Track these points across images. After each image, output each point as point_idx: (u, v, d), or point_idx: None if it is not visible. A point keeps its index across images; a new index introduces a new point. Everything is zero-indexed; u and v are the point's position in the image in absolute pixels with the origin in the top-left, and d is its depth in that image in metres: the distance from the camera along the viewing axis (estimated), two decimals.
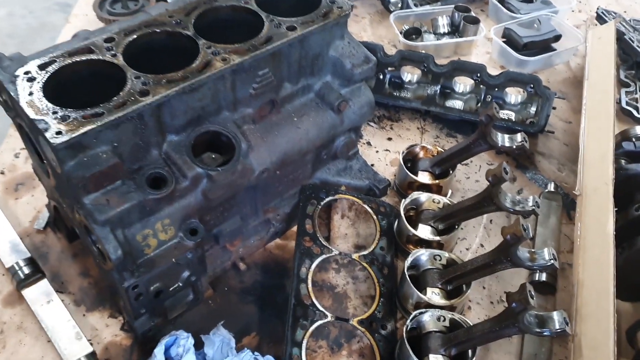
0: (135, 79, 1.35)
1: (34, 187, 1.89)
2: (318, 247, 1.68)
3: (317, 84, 1.67)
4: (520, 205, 1.57)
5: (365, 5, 2.76)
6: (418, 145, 1.95)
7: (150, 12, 1.56)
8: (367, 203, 1.83)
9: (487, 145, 1.75)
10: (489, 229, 1.87)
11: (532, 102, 2.16)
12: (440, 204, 1.77)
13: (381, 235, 1.76)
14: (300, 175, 1.78)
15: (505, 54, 2.44)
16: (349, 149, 1.84)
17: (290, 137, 1.60)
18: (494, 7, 2.69)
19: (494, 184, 1.56)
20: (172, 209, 1.43)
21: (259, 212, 1.71)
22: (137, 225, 1.39)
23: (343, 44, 1.65)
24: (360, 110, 1.72)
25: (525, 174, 2.06)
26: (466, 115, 2.14)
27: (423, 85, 2.22)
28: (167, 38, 1.50)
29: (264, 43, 1.47)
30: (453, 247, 1.78)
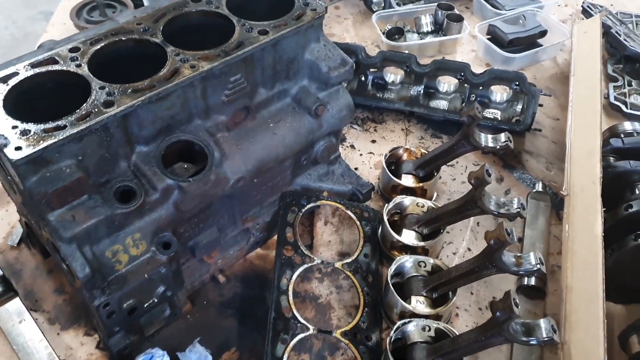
0: (99, 90, 1.30)
1: (7, 202, 1.84)
2: (299, 257, 1.63)
3: (294, 89, 1.62)
4: (505, 207, 1.52)
5: (348, 6, 2.71)
6: (401, 148, 1.90)
7: (118, 20, 1.51)
8: (350, 208, 1.78)
9: (471, 146, 1.70)
10: (476, 232, 1.82)
11: (518, 100, 2.11)
12: (424, 207, 1.72)
13: (365, 242, 1.71)
14: (280, 182, 1.72)
15: (490, 52, 2.39)
16: (329, 154, 1.79)
17: (266, 144, 1.55)
18: (478, 3, 2.64)
19: (477, 187, 1.51)
20: (143, 222, 1.38)
21: (237, 221, 1.66)
22: (105, 240, 1.34)
23: (319, 47, 1.60)
24: (339, 114, 1.67)
25: (513, 173, 2.01)
26: (451, 115, 2.10)
27: (406, 86, 2.17)
28: (135, 46, 1.45)
29: (235, 48, 1.43)
30: (439, 252, 1.73)
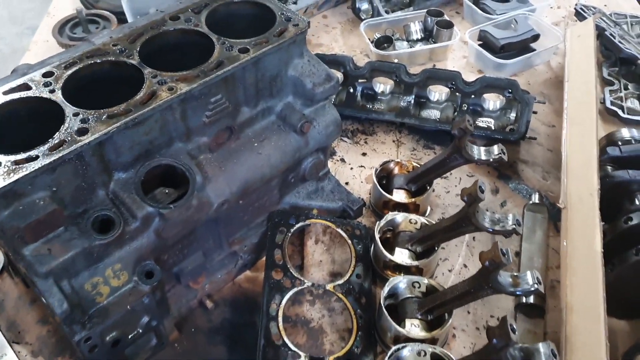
0: (73, 116, 1.24)
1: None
2: (289, 280, 1.57)
3: (278, 106, 1.57)
4: (500, 224, 1.47)
5: (336, 15, 2.66)
6: (392, 161, 1.85)
7: (93, 41, 1.46)
8: (341, 226, 1.73)
9: (463, 159, 1.65)
10: (472, 247, 1.77)
11: (512, 108, 2.06)
12: (417, 224, 1.66)
13: (357, 261, 1.65)
14: (267, 202, 1.67)
15: (482, 58, 2.34)
16: (318, 170, 1.73)
17: (251, 164, 1.50)
18: (468, 9, 2.59)
19: (470, 204, 1.45)
20: (123, 252, 1.32)
21: (223, 245, 1.61)
22: (84, 273, 1.28)
23: (302, 63, 1.55)
24: (326, 130, 1.62)
25: (508, 184, 1.96)
26: (443, 125, 2.04)
27: (397, 96, 2.12)
28: (111, 68, 1.40)
29: (215, 68, 1.37)
30: (434, 271, 1.68)
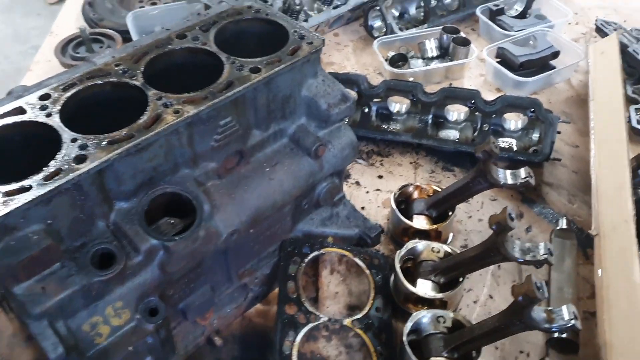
0: (71, 143, 1.15)
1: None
2: (303, 314, 1.46)
3: (291, 128, 1.47)
4: (531, 254, 1.37)
5: (348, 33, 2.58)
6: (411, 185, 1.74)
7: (95, 61, 1.38)
8: (358, 255, 1.62)
9: (488, 183, 1.55)
10: (498, 277, 1.66)
11: (534, 128, 1.96)
12: (440, 252, 1.56)
13: (376, 293, 1.54)
14: (279, 230, 1.57)
15: (500, 76, 2.24)
16: (332, 195, 1.63)
17: (262, 191, 1.40)
18: (485, 25, 2.50)
19: (499, 233, 1.35)
20: (125, 289, 1.22)
21: (232, 277, 1.50)
22: (82, 313, 1.18)
23: (316, 83, 1.46)
24: (342, 153, 1.52)
25: (533, 208, 1.85)
26: (462, 146, 1.95)
27: (413, 116, 2.03)
28: (112, 90, 1.31)
29: (224, 89, 1.28)
30: (458, 303, 1.57)
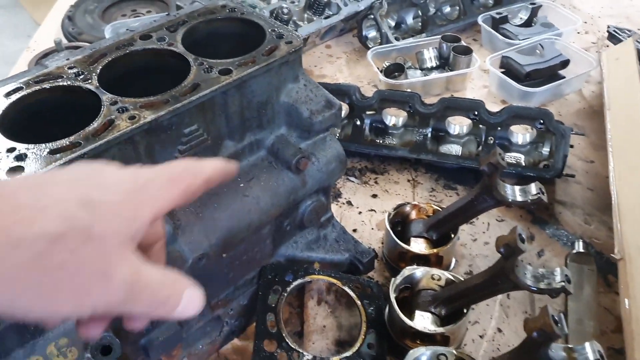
0: (7, 152, 0.99)
1: None
2: (284, 352, 1.27)
3: (269, 139, 1.30)
4: (546, 281, 1.18)
5: (341, 44, 2.43)
6: (408, 204, 1.56)
7: (47, 64, 1.22)
8: (349, 283, 1.43)
9: (494, 200, 1.37)
10: (507, 307, 1.46)
11: (544, 141, 1.79)
12: (441, 280, 1.37)
13: (369, 327, 1.35)
14: (258, 254, 1.39)
15: (505, 86, 2.08)
16: (319, 215, 1.46)
17: (235, 209, 1.23)
18: (487, 34, 2.35)
19: (508, 256, 1.16)
20: (71, 322, 1.04)
21: (203, 308, 1.31)
22: (18, 352, 1.00)
23: (297, 87, 1.30)
24: (327, 167, 1.35)
25: (545, 230, 1.66)
26: (465, 162, 1.77)
27: (410, 129, 1.86)
28: (63, 96, 1.15)
29: (189, 92, 1.12)
30: (462, 338, 1.37)
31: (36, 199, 0.60)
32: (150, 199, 0.69)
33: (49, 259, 0.57)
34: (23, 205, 0.59)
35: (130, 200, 0.67)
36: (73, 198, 0.62)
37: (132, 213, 0.66)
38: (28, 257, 0.56)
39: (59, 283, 0.58)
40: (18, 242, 0.56)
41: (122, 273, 0.63)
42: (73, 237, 0.59)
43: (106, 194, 0.65)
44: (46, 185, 0.63)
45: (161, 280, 0.69)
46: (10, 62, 4.38)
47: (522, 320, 1.38)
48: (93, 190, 0.64)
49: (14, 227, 0.56)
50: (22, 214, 0.58)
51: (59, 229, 0.58)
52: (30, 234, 0.57)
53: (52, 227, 0.58)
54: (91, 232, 0.60)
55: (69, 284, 0.59)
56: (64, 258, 0.58)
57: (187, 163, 0.77)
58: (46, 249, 0.57)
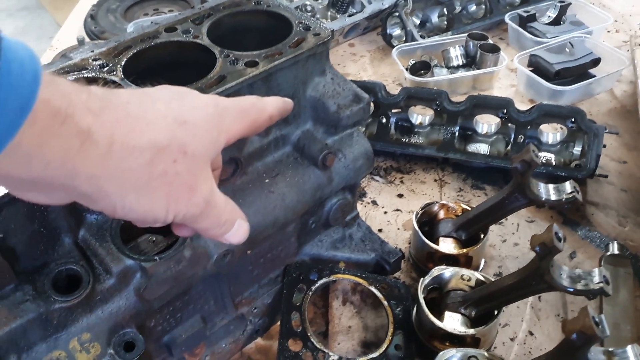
0: None
1: None
2: (310, 352, 1.24)
3: (295, 134, 1.28)
4: (582, 282, 1.13)
5: (364, 43, 2.40)
6: (436, 203, 1.52)
7: (71, 56, 1.21)
8: (375, 284, 1.40)
9: (527, 199, 1.32)
10: (538, 309, 1.42)
11: (576, 140, 1.74)
12: (471, 281, 1.33)
13: (396, 329, 1.31)
14: (282, 252, 1.36)
15: (534, 85, 2.03)
16: (344, 214, 1.42)
17: (260, 206, 1.20)
18: (514, 33, 2.30)
19: (544, 257, 1.12)
20: (94, 318, 1.02)
21: (227, 306, 1.29)
22: (40, 346, 0.98)
23: (324, 81, 1.27)
24: (354, 164, 1.32)
25: (577, 231, 1.61)
26: (494, 161, 1.72)
27: (437, 128, 1.82)
28: None
29: (214, 85, 1.10)
30: (493, 340, 1.33)
31: (143, 112, 0.67)
32: (227, 125, 0.77)
33: (154, 166, 0.66)
34: (134, 116, 0.66)
35: (214, 124, 0.74)
36: (171, 115, 0.69)
37: (214, 136, 0.74)
38: (139, 163, 0.64)
39: (159, 188, 0.67)
40: (132, 149, 0.64)
41: (204, 189, 0.72)
42: (174, 150, 0.67)
43: (195, 116, 0.72)
44: (149, 100, 0.70)
45: (224, 205, 0.78)
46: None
47: (554, 324, 1.35)
48: (185, 110, 0.71)
49: (129, 135, 0.64)
50: (134, 124, 0.65)
51: (164, 142, 0.66)
52: (142, 143, 0.65)
53: (159, 138, 0.66)
54: (186, 148, 0.68)
55: (166, 190, 0.68)
56: (165, 167, 0.67)
57: (254, 99, 0.86)
58: (153, 158, 0.65)
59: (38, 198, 0.69)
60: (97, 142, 0.61)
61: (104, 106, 0.63)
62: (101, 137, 0.61)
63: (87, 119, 0.60)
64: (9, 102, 0.53)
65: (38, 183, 0.62)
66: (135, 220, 0.73)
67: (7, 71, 0.53)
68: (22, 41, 0.58)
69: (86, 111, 0.60)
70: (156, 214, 0.69)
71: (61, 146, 0.58)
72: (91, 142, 0.60)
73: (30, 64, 0.56)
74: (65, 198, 0.69)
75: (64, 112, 0.58)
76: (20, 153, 0.56)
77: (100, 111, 0.62)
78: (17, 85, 0.54)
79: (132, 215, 0.69)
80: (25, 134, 0.55)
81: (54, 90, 0.58)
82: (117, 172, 0.63)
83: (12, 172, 0.59)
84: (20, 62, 0.55)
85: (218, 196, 0.76)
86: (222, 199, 0.77)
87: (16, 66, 0.54)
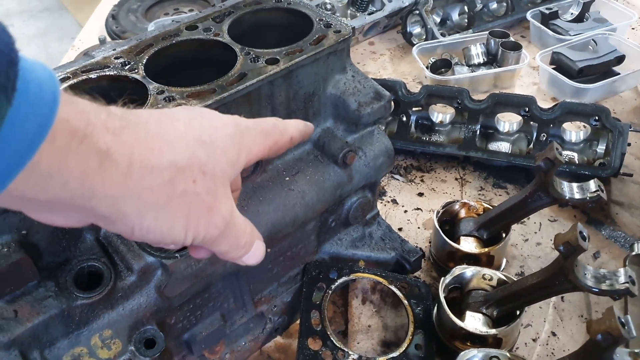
0: None
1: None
2: (329, 351, 1.24)
3: (315, 132, 1.27)
4: (608, 282, 1.11)
5: (384, 41, 2.38)
6: (457, 202, 1.51)
7: (93, 55, 1.22)
8: (395, 283, 1.39)
9: (550, 198, 1.30)
10: (561, 310, 1.39)
11: (600, 139, 1.71)
12: (492, 281, 1.31)
13: (416, 328, 1.30)
14: (302, 250, 1.36)
15: (557, 83, 2.00)
16: (364, 212, 1.42)
17: (280, 203, 1.20)
18: (536, 31, 2.27)
19: (568, 256, 1.10)
20: (115, 314, 1.03)
21: (247, 304, 1.29)
22: (62, 342, 0.99)
23: (345, 79, 1.26)
24: (375, 162, 1.31)
25: (601, 231, 1.59)
26: (516, 159, 1.70)
27: (458, 126, 1.80)
28: (109, 85, 1.14)
29: (235, 82, 1.10)
30: (515, 341, 1.31)
31: (163, 131, 0.66)
32: (247, 145, 0.76)
33: (174, 186, 0.65)
34: (153, 135, 0.65)
35: (234, 144, 0.73)
36: (190, 135, 0.68)
37: (234, 156, 0.73)
38: (158, 183, 0.63)
39: (178, 209, 0.66)
40: (152, 169, 0.63)
41: (223, 210, 0.70)
42: (193, 170, 0.66)
43: (215, 136, 0.71)
44: (168, 120, 0.69)
45: (244, 226, 0.77)
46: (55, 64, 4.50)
47: (578, 325, 1.33)
48: (205, 130, 0.70)
49: (148, 155, 0.63)
50: (154, 144, 0.64)
51: (183, 161, 0.65)
52: (162, 163, 0.64)
53: (178, 158, 0.65)
54: (206, 168, 0.68)
55: (185, 211, 0.66)
56: (185, 187, 0.65)
57: (276, 120, 0.84)
58: (172, 178, 0.64)
59: (54, 220, 0.67)
60: (117, 161, 0.60)
61: (124, 126, 0.62)
62: (120, 157, 0.60)
63: (106, 138, 0.60)
64: (27, 122, 0.53)
65: (54, 204, 0.61)
66: (153, 242, 0.71)
67: (25, 91, 0.53)
68: (42, 62, 0.58)
69: (105, 131, 0.60)
70: (175, 235, 0.68)
71: (80, 165, 0.58)
72: (110, 162, 0.60)
73: (49, 84, 0.56)
74: (82, 220, 0.67)
75: (83, 131, 0.58)
76: (39, 172, 0.56)
77: (119, 131, 0.61)
78: (36, 105, 0.54)
79: (150, 237, 0.67)
80: (44, 153, 0.55)
81: (73, 109, 0.58)
82: (136, 191, 0.62)
83: (30, 193, 0.58)
84: (38, 82, 0.55)
85: (237, 217, 0.75)
86: (241, 220, 0.76)
87: (34, 86, 0.54)
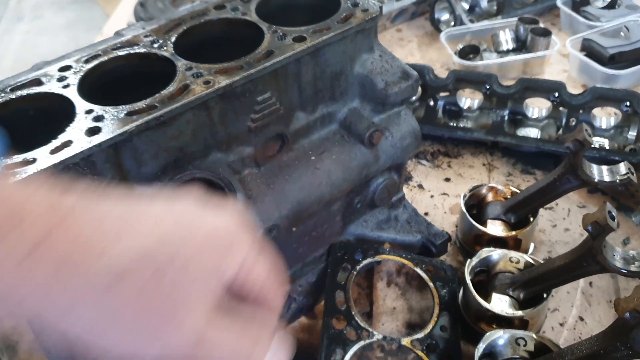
0: (85, 114, 1.00)
1: None
2: (354, 330, 1.24)
3: (342, 112, 1.27)
4: (637, 263, 1.09)
5: (412, 28, 2.37)
6: (485, 186, 1.50)
7: (123, 33, 1.24)
8: (421, 265, 1.38)
9: (579, 181, 1.28)
10: (589, 295, 1.37)
11: (631, 125, 1.68)
12: (519, 264, 1.30)
13: (441, 310, 1.30)
14: (327, 231, 1.36)
15: (587, 70, 1.97)
16: (390, 194, 1.41)
17: (306, 182, 1.21)
18: (567, 17, 2.24)
19: (596, 236, 1.08)
20: None
21: None
22: None
23: (372, 58, 1.26)
24: (401, 143, 1.31)
25: (631, 217, 1.56)
26: (545, 145, 1.68)
27: (487, 112, 1.78)
28: (139, 63, 1.15)
29: (263, 59, 1.10)
30: (542, 324, 1.30)
31: (116, 231, 0.56)
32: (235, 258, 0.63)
33: (111, 295, 0.53)
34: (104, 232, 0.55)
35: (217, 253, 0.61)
36: (153, 236, 0.57)
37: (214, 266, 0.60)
38: (91, 290, 0.53)
39: (123, 321, 0.54)
40: (85, 275, 0.53)
41: (193, 323, 0.57)
42: (139, 276, 0.55)
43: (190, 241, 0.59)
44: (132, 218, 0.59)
45: (235, 343, 0.61)
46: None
47: (606, 309, 1.31)
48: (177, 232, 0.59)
49: (81, 258, 0.53)
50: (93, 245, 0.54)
51: (124, 267, 0.54)
52: (96, 268, 0.53)
53: (118, 263, 0.54)
54: (164, 274, 0.56)
55: (133, 324, 0.55)
56: (129, 296, 0.54)
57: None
58: (109, 285, 0.53)
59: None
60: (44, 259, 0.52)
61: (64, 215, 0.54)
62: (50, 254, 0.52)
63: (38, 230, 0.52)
64: None
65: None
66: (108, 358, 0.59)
67: None
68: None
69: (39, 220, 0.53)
70: (126, 351, 0.56)
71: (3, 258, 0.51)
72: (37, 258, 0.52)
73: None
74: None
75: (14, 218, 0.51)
76: None
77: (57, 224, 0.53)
78: None
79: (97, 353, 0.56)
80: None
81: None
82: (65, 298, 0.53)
83: None
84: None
85: (223, 330, 0.60)
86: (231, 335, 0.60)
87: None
